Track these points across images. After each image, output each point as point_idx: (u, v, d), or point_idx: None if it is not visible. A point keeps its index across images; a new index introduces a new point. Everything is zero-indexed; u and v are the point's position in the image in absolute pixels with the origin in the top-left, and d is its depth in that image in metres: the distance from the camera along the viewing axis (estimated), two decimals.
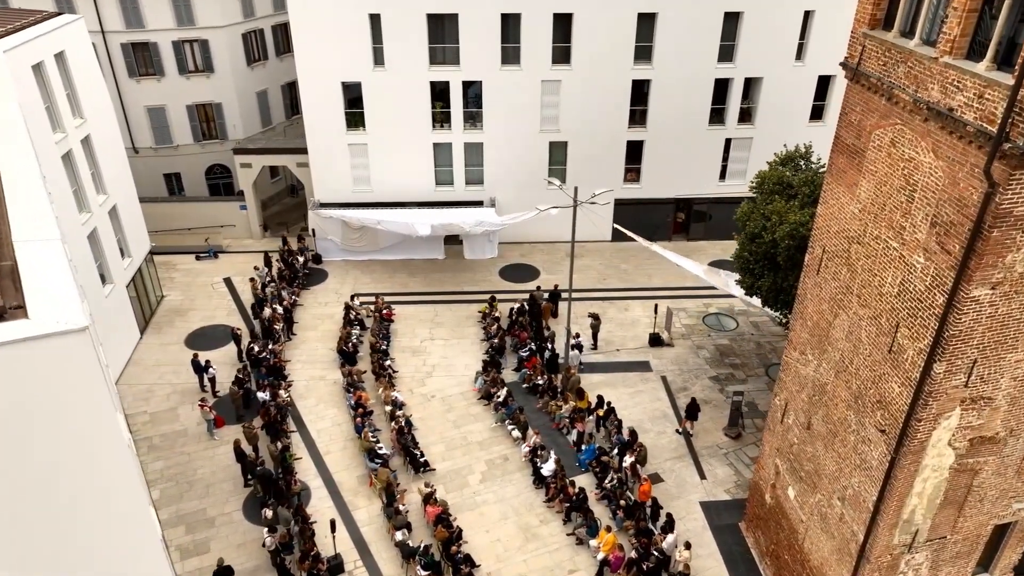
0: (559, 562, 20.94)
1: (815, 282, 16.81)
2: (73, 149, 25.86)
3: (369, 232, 36.30)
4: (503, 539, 21.66)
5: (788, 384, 18.51)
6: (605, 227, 38.41)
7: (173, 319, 32.10)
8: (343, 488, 23.40)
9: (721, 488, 23.50)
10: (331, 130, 35.01)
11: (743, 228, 23.06)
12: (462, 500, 22.88)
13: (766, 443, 20.01)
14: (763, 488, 20.25)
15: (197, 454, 24.62)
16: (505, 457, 24.64)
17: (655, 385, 28.18)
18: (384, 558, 21.04)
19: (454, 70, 34.17)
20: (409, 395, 27.23)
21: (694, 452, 24.91)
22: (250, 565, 20.81)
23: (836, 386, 16.06)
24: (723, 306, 33.23)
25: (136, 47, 37.58)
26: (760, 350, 30.24)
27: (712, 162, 37.40)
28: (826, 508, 16.79)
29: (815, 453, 17.19)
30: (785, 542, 18.98)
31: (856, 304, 15.10)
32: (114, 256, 28.76)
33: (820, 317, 16.64)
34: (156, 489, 23.28)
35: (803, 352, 17.56)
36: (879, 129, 13.97)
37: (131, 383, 28.02)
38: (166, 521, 22.11)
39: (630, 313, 32.70)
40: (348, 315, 30.73)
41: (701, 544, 21.27)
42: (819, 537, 17.20)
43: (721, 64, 34.92)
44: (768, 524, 19.99)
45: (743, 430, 25.62)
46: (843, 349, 15.71)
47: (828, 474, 16.61)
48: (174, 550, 21.23)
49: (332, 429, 25.81)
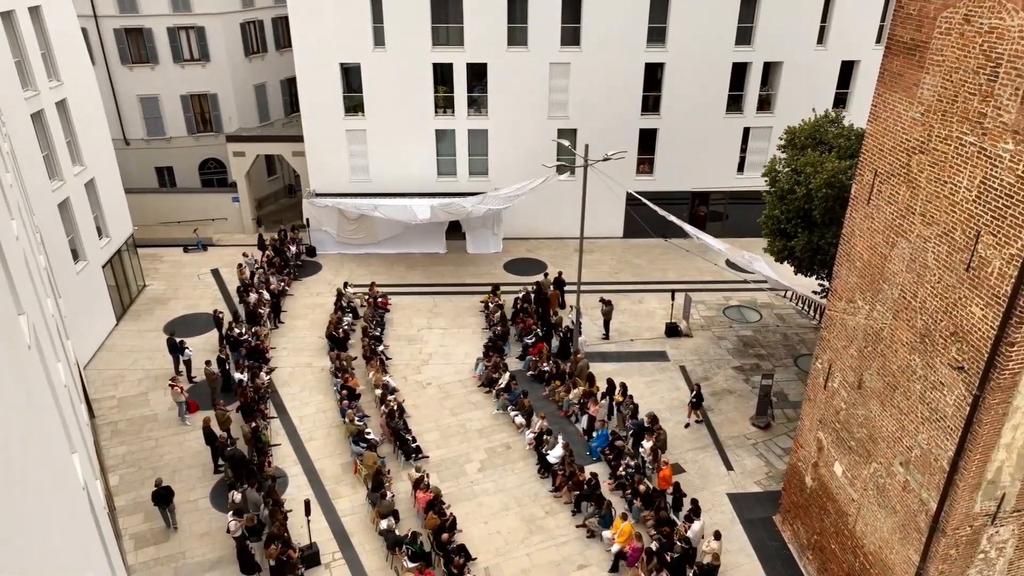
0: (567, 556, 18.21)
1: (865, 214, 14.52)
2: (46, 111, 24.06)
3: (366, 223, 34.26)
4: (503, 531, 18.97)
5: (832, 342, 16.06)
6: (617, 221, 36.46)
7: (153, 307, 29.91)
8: (324, 476, 20.84)
9: (751, 479, 20.80)
10: (329, 115, 33.30)
11: (772, 186, 20.84)
12: (458, 489, 20.26)
13: (805, 416, 17.45)
14: (802, 470, 17.61)
15: (165, 439, 22.15)
16: (507, 445, 22.06)
17: (674, 375, 25.64)
18: (367, 550, 18.37)
19: (458, 51, 32.53)
20: (403, 382, 24.77)
21: (719, 442, 22.25)
22: (213, 556, 18.17)
23: (895, 329, 13.63)
24: (745, 299, 30.83)
25: (129, 32, 36.26)
26: (787, 341, 27.71)
27: (730, 153, 35.39)
28: (884, 479, 14.18)
29: (868, 416, 14.65)
30: (831, 529, 16.28)
31: (920, 225, 12.78)
32: (89, 233, 26.74)
33: (873, 253, 14.30)
34: (115, 475, 20.77)
35: (851, 300, 15.17)
36: (947, 10, 11.85)
37: (101, 368, 25.70)
38: (123, 508, 19.59)
39: (644, 305, 30.30)
40: (339, 302, 28.47)
41: (731, 538, 18.53)
42: (875, 516, 14.54)
43: (739, 47, 33.17)
44: (809, 512, 17.30)
45: (773, 420, 22.99)
46: (903, 283, 13.33)
47: (886, 437, 14.05)
48: (129, 538, 18.66)
49: (316, 416, 23.34)
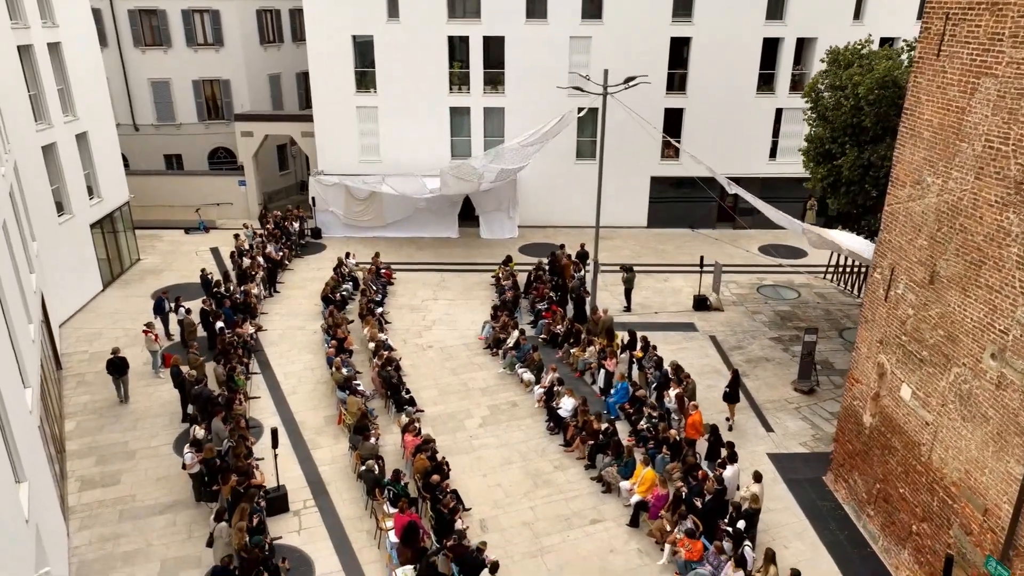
0: (578, 511, 15.41)
1: (934, 71, 12.23)
2: (35, 47, 22.84)
3: (374, 205, 32.47)
4: (504, 484, 16.26)
5: (894, 241, 13.54)
6: (640, 210, 34.32)
7: (145, 277, 28.10)
8: (305, 427, 18.37)
9: (794, 441, 17.91)
10: (339, 90, 31.98)
11: (814, 106, 18.59)
12: (454, 443, 17.63)
13: (862, 342, 14.77)
14: (859, 410, 14.82)
15: (134, 391, 19.87)
16: (513, 403, 19.46)
17: (703, 343, 22.98)
18: (344, 499, 15.75)
19: (474, 24, 31.22)
20: (401, 344, 22.41)
21: (756, 406, 19.44)
22: (167, 500, 15.68)
23: (979, 191, 11.15)
24: (781, 280, 28.21)
25: (144, 14, 35.65)
26: (830, 316, 24.96)
27: (761, 137, 33.27)
28: (970, 382, 11.45)
29: (945, 312, 12.02)
30: (899, 470, 13.40)
31: (1010, 50, 10.47)
32: (78, 187, 25.20)
33: (946, 112, 11.94)
34: (73, 420, 18.51)
35: (917, 182, 12.73)
36: None
37: (79, 326, 23.75)
38: (75, 452, 17.27)
39: (670, 283, 27.79)
40: (340, 269, 26.40)
41: (774, 497, 15.60)
42: (959, 434, 11.74)
43: (770, 22, 31.44)
44: (869, 457, 14.43)
45: (817, 385, 20.15)
46: (988, 130, 10.93)
47: (971, 329, 11.39)
48: (75, 480, 16.26)
49: (303, 372, 21.00)
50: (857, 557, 14.02)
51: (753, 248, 31.28)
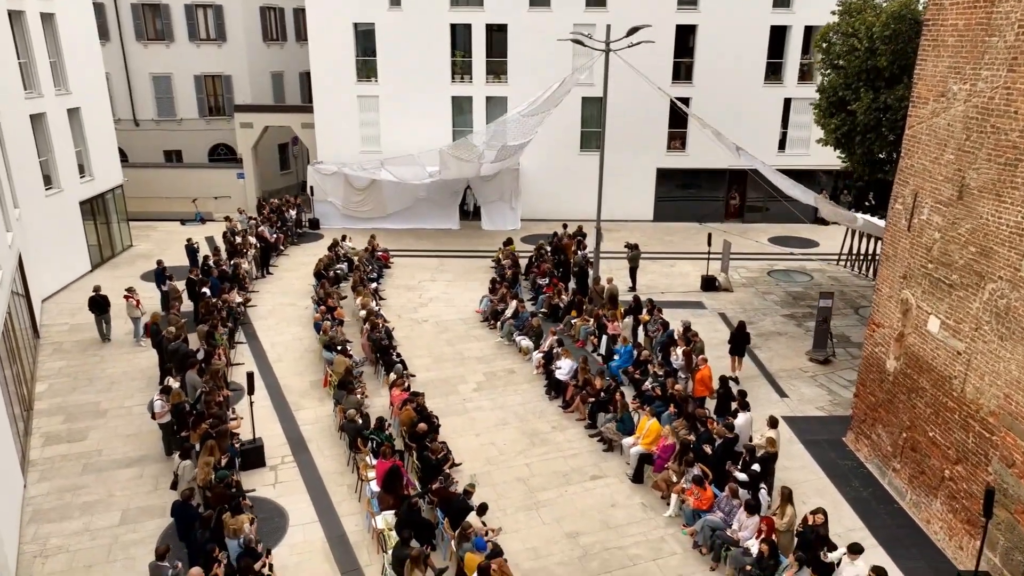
0: (577, 467, 14.23)
1: None
2: (27, 14, 22.41)
3: (374, 195, 31.73)
4: (499, 443, 15.11)
5: (916, 165, 12.57)
6: (646, 203, 33.47)
7: (135, 260, 27.30)
8: (289, 391, 17.30)
9: (811, 406, 16.70)
10: (340, 79, 31.51)
11: (826, 54, 17.77)
12: (447, 406, 16.50)
13: (883, 283, 13.70)
14: (882, 356, 13.67)
15: (113, 357, 18.92)
16: (511, 370, 18.36)
17: (712, 319, 21.88)
18: (325, 455, 14.62)
19: (477, 11, 30.84)
20: (396, 319, 21.40)
21: (769, 374, 18.27)
22: (136, 454, 14.61)
23: (1013, 82, 10.22)
24: (793, 267, 27.14)
25: (147, 8, 35.54)
26: (845, 296, 23.82)
27: (770, 128, 32.52)
28: (1007, 295, 10.36)
29: (977, 226, 10.99)
30: (928, 412, 12.21)
31: None
32: (68, 162, 24.59)
33: (973, 10, 11.07)
34: (44, 383, 17.52)
35: (942, 93, 11.80)
36: None
37: (62, 302, 22.87)
38: (43, 410, 16.25)
39: (677, 268, 26.78)
40: (335, 249, 25.54)
41: (791, 456, 14.40)
42: (996, 355, 10.61)
43: (777, 10, 30.94)
44: (894, 405, 13.24)
45: (834, 355, 18.98)
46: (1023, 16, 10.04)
47: (1007, 236, 10.36)
48: (39, 436, 15.22)
49: (291, 342, 20.01)
50: (884, 512, 12.74)
51: (763, 239, 30.34)
